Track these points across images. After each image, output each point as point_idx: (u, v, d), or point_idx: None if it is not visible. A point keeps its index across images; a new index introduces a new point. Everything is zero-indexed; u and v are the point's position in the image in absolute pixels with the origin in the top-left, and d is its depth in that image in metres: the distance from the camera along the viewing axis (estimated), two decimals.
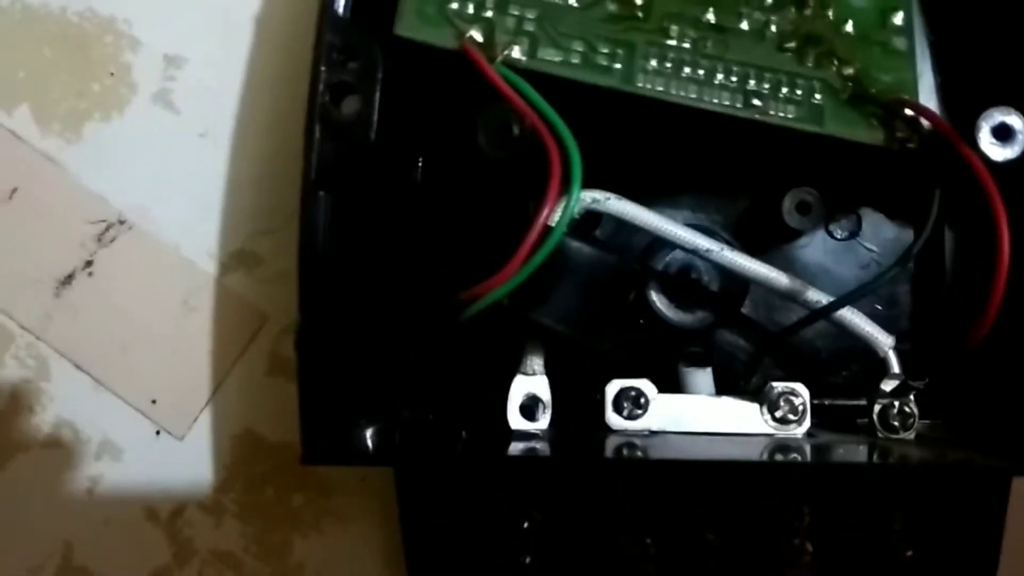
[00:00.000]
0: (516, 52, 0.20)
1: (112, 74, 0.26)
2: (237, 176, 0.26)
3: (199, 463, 0.26)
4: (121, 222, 0.26)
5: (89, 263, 0.26)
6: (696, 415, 0.21)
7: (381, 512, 0.26)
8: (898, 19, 0.22)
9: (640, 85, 0.20)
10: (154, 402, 0.26)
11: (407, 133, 0.21)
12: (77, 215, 0.26)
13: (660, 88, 0.20)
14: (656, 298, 0.22)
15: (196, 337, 0.26)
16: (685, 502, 0.21)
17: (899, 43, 0.21)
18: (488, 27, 0.20)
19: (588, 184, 0.19)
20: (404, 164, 0.21)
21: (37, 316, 0.26)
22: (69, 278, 0.26)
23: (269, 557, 0.26)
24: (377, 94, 0.19)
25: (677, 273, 0.22)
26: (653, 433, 0.21)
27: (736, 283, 0.22)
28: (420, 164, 0.21)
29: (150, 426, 0.26)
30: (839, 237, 0.23)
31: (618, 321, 0.22)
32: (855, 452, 0.21)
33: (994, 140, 0.19)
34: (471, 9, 0.20)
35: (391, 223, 0.21)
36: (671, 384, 0.22)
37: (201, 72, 0.27)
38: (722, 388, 0.22)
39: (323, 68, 0.19)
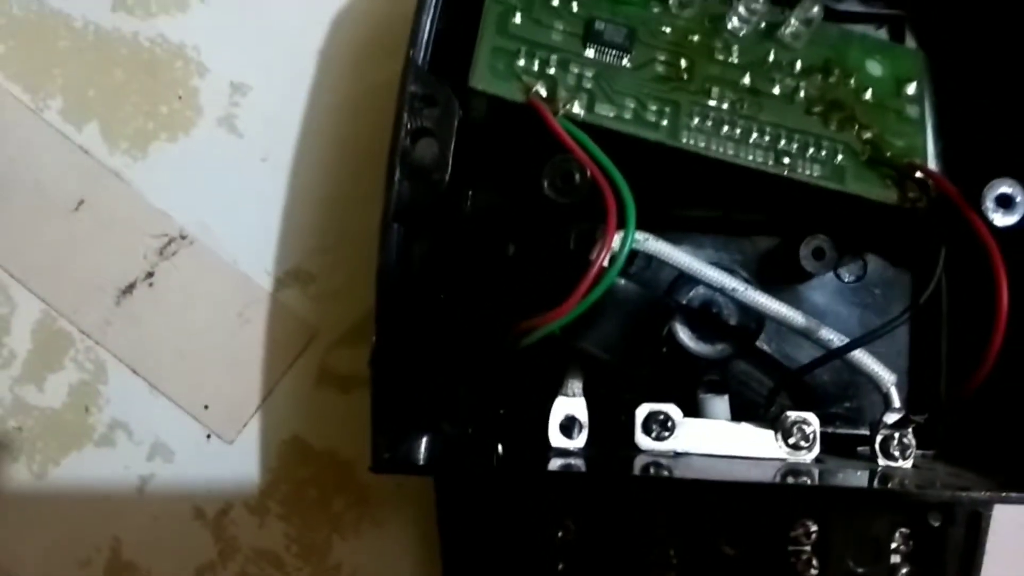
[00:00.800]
0: (576, 107, 0.22)
1: (180, 97, 0.28)
2: (295, 198, 0.28)
3: (246, 466, 0.28)
4: (182, 237, 0.28)
5: (150, 274, 0.28)
6: (718, 438, 0.23)
7: (416, 518, 0.27)
8: (911, 88, 0.24)
9: (684, 141, 0.22)
10: (206, 407, 0.28)
11: (476, 175, 0.23)
12: (140, 228, 0.28)
13: (702, 144, 0.22)
14: (680, 330, 0.24)
15: (249, 348, 0.28)
16: (705, 517, 0.23)
17: (912, 111, 0.24)
18: (551, 83, 0.22)
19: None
20: (469, 200, 0.23)
21: (97, 322, 0.28)
22: (130, 288, 0.28)
23: (309, 556, 0.27)
24: (452, 139, 0.21)
25: (700, 307, 0.24)
26: (678, 454, 0.23)
27: (753, 318, 0.24)
28: (473, 199, 0.23)
29: (201, 430, 0.28)
30: (847, 280, 0.25)
31: (651, 350, 0.24)
32: (858, 477, 0.23)
33: (997, 207, 0.21)
34: (536, 67, 0.22)
35: (456, 256, 0.23)
36: (694, 409, 0.24)
37: (265, 99, 0.28)
38: (737, 414, 0.24)
39: (405, 114, 0.20)
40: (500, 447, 0.23)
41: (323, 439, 0.27)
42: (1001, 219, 0.21)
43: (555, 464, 0.22)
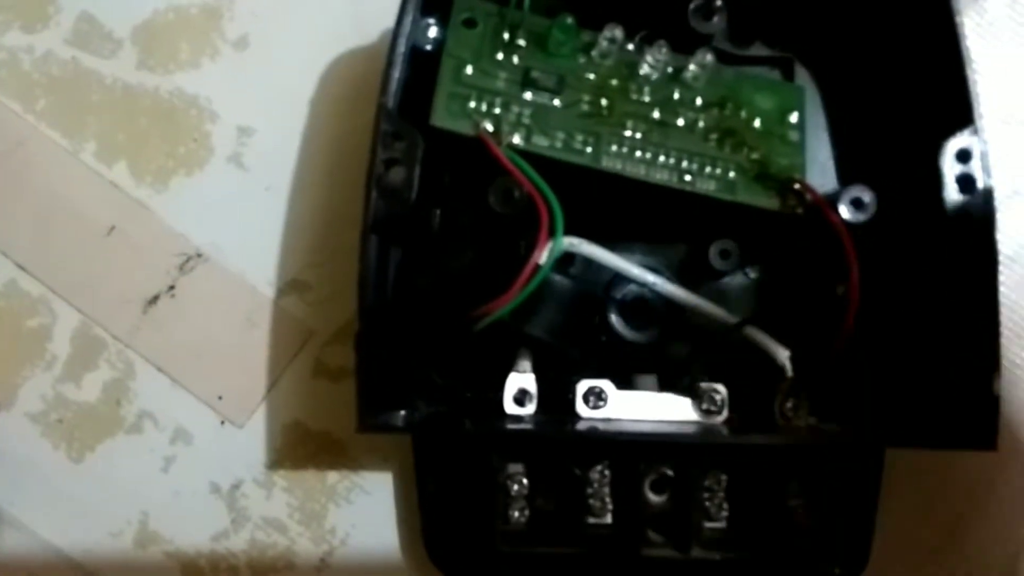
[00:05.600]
0: (516, 139, 0.26)
1: (195, 140, 0.32)
2: (293, 221, 0.31)
3: (255, 447, 0.30)
4: (199, 255, 0.31)
5: (172, 287, 0.31)
6: (644, 407, 0.27)
7: (399, 487, 0.30)
8: (793, 118, 0.28)
9: (605, 164, 0.26)
10: (220, 398, 0.31)
11: (435, 194, 0.27)
12: (163, 249, 0.31)
13: (619, 167, 0.26)
14: (615, 320, 0.28)
15: (256, 347, 0.31)
16: (633, 469, 0.27)
17: (793, 136, 0.28)
18: (496, 120, 0.26)
19: (566, 232, 0.25)
20: (433, 216, 0.27)
21: (127, 329, 0.31)
22: (155, 299, 0.31)
23: (309, 522, 0.30)
24: (417, 166, 0.25)
25: (632, 301, 0.28)
26: (610, 420, 0.27)
27: (676, 309, 0.28)
28: (441, 216, 0.28)
29: (216, 417, 0.31)
30: (751, 276, 0.29)
31: (585, 335, 0.28)
32: (761, 435, 0.27)
33: (851, 207, 0.26)
34: (484, 107, 0.26)
35: (422, 259, 0.27)
36: (625, 384, 0.28)
37: (266, 140, 0.32)
38: (664, 387, 0.28)
39: (379, 147, 0.25)
40: (467, 422, 0.27)
41: (319, 422, 0.31)
42: (853, 216, 0.26)
43: (510, 426, 0.26)
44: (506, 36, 0.27)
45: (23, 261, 0.31)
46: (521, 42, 0.27)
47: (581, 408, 0.27)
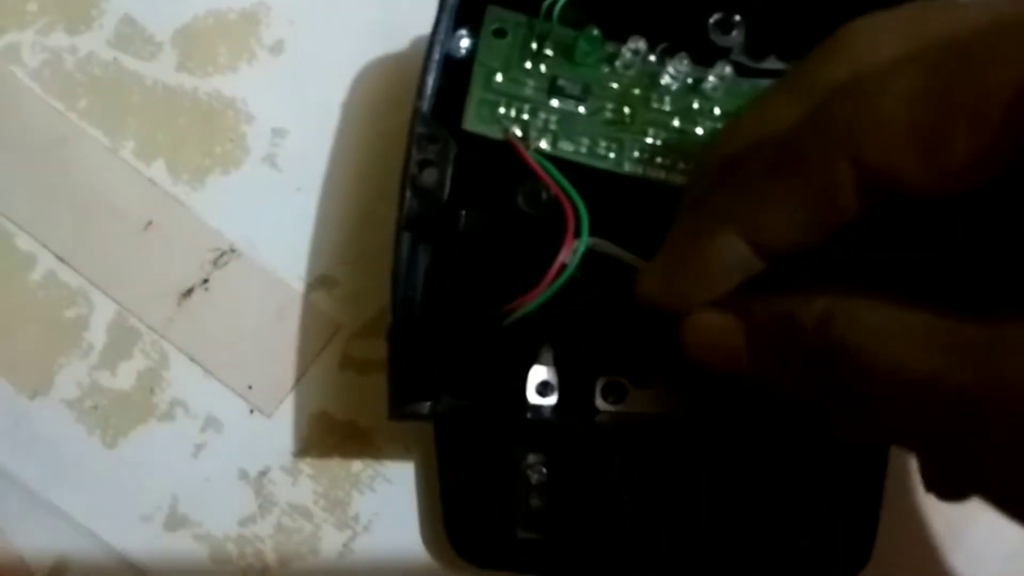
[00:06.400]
0: (543, 144, 0.27)
1: (231, 140, 0.33)
2: (323, 219, 0.32)
3: (283, 435, 0.31)
4: (232, 250, 0.32)
5: (206, 281, 0.32)
6: (662, 402, 0.28)
7: (421, 477, 0.31)
8: None
9: (627, 169, 0.28)
10: (250, 387, 0.32)
11: (466, 196, 0.28)
12: (198, 244, 0.32)
13: (640, 171, 0.28)
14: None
15: (285, 339, 0.32)
16: (648, 460, 0.28)
17: None
18: (525, 126, 0.27)
19: (590, 233, 0.26)
20: (462, 217, 0.28)
21: (162, 320, 0.32)
22: (189, 291, 0.32)
23: (333, 509, 0.31)
24: (450, 168, 0.27)
25: None
26: (627, 414, 0.28)
27: None
28: (471, 216, 0.29)
29: (246, 406, 0.32)
30: None
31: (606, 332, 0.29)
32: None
33: None
34: (513, 114, 0.28)
35: (451, 257, 0.28)
36: (643, 381, 0.28)
37: (299, 142, 0.33)
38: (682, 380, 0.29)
39: (414, 149, 0.26)
40: (492, 410, 0.28)
41: (345, 413, 0.32)
42: None
43: (531, 414, 0.27)
44: (534, 46, 0.29)
45: (63, 253, 0.33)
46: (549, 52, 0.29)
47: (599, 402, 0.28)
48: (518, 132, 0.27)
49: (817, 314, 0.18)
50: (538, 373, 0.28)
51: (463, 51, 0.29)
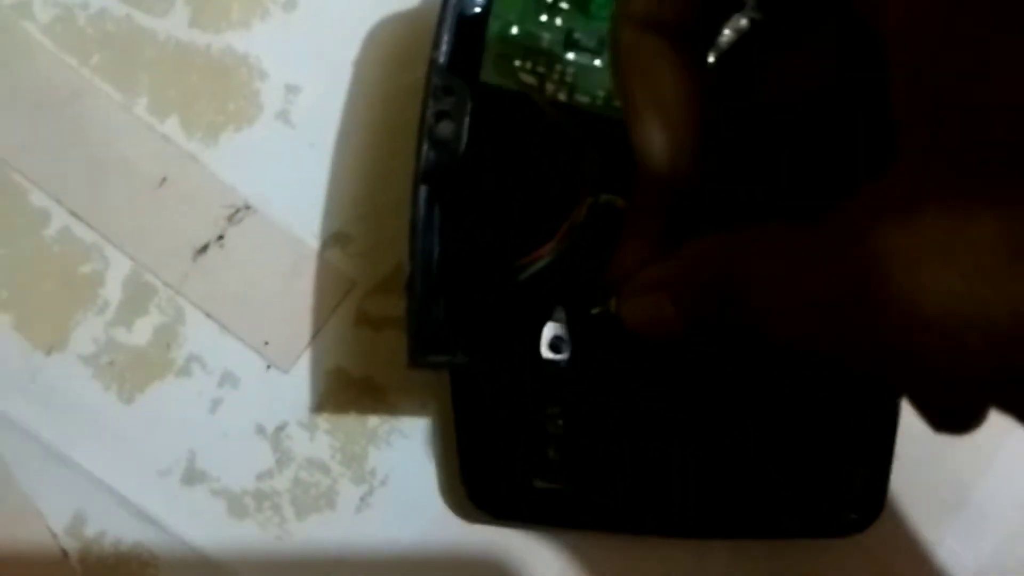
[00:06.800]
0: (560, 96, 0.28)
1: (244, 97, 0.33)
2: (336, 176, 0.32)
3: (299, 391, 0.32)
4: (247, 207, 0.32)
5: (221, 237, 0.32)
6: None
7: (436, 431, 0.32)
8: None
9: None
10: (267, 343, 0.32)
11: (481, 148, 0.28)
12: (213, 201, 0.32)
13: None
14: None
15: (301, 296, 0.32)
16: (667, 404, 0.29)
17: None
18: (541, 78, 0.28)
19: (604, 187, 0.27)
20: (478, 168, 0.28)
21: (177, 276, 0.32)
22: (204, 248, 0.32)
23: (350, 463, 0.31)
24: (466, 120, 0.27)
25: None
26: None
27: None
28: (486, 168, 0.29)
29: (262, 362, 0.32)
30: None
31: None
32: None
33: None
34: (530, 66, 0.28)
35: (469, 208, 0.28)
36: None
37: (312, 98, 0.33)
38: None
39: (430, 100, 0.26)
40: (509, 360, 0.28)
41: (360, 368, 0.32)
42: None
43: (545, 369, 0.27)
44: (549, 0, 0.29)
45: (77, 209, 0.33)
46: (564, 5, 0.29)
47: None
48: (534, 84, 0.27)
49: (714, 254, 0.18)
50: (551, 329, 0.28)
51: (478, 5, 0.29)
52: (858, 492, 0.30)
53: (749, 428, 0.29)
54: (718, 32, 0.21)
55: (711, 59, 0.21)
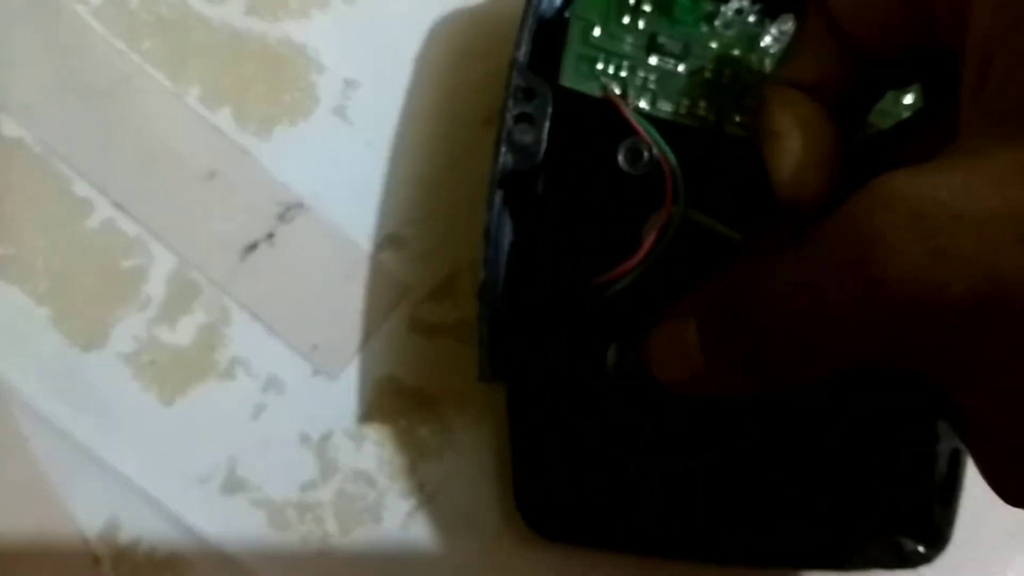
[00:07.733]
0: (643, 103, 0.27)
1: (300, 89, 0.31)
2: (392, 176, 0.31)
3: (347, 398, 0.30)
4: (299, 205, 0.31)
5: (271, 235, 0.31)
6: None
7: (490, 446, 0.30)
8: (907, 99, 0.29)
9: (729, 131, 0.27)
10: (315, 348, 0.31)
11: (560, 154, 0.27)
12: (264, 197, 0.31)
13: (742, 133, 0.27)
14: None
15: (352, 300, 0.31)
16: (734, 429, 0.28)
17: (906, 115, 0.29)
18: (623, 84, 0.27)
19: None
20: (556, 175, 0.27)
21: (224, 274, 0.31)
22: (253, 246, 0.31)
23: (398, 476, 0.30)
24: (547, 124, 0.26)
25: None
26: None
27: None
28: (563, 176, 0.28)
29: (310, 367, 0.31)
30: None
31: None
32: None
33: None
34: (612, 70, 0.27)
35: (544, 215, 0.27)
36: None
37: (371, 95, 0.32)
38: None
39: (510, 101, 0.25)
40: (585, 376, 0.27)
41: (412, 377, 0.31)
42: None
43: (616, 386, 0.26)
44: (632, 1, 0.27)
45: (121, 200, 0.31)
46: (646, 7, 0.28)
47: None
48: (617, 90, 0.27)
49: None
50: (618, 348, 0.27)
51: (556, 4, 0.28)
52: (926, 522, 0.29)
53: (812, 454, 0.28)
54: (867, 110, 0.23)
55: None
